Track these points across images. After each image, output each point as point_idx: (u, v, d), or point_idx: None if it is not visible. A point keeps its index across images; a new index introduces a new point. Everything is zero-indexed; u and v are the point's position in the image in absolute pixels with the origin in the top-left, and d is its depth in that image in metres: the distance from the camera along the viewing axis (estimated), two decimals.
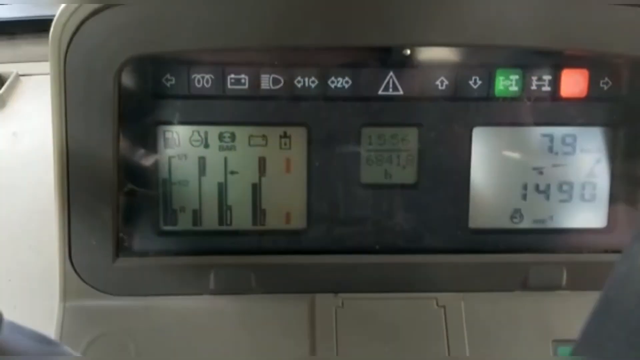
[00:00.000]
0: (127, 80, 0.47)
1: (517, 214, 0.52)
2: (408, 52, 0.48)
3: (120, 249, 0.49)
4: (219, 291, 0.50)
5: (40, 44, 0.73)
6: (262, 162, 0.50)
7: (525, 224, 0.52)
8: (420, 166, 0.50)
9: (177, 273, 0.50)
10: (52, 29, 0.44)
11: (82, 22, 0.44)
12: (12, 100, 0.67)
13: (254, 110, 0.49)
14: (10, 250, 0.55)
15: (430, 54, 0.49)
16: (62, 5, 0.44)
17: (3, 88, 0.67)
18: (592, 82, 0.50)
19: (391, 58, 0.49)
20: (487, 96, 0.49)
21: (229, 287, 0.50)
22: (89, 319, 0.49)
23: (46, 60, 0.71)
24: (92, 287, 0.49)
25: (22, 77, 0.70)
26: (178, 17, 0.44)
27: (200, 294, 0.50)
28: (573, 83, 0.50)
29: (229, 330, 0.49)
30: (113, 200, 0.47)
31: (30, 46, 0.74)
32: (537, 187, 0.51)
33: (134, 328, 0.49)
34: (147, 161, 0.49)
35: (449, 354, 0.49)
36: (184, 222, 0.50)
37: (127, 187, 0.49)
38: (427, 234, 0.51)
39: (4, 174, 0.59)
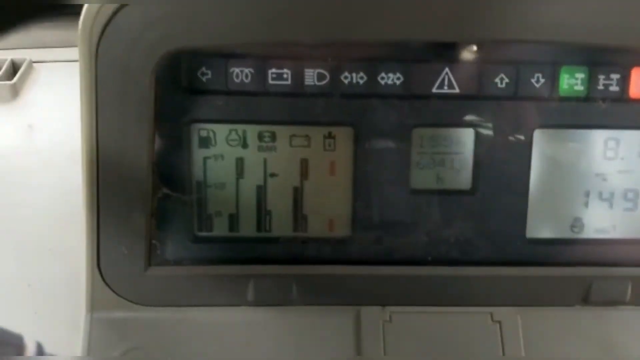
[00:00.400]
0: (160, 74, 0.45)
1: (577, 223, 0.50)
2: (475, 48, 0.46)
3: (153, 257, 0.48)
4: (258, 302, 0.48)
5: (55, 28, 0.72)
6: (304, 164, 0.48)
7: (586, 234, 0.50)
8: (475, 170, 0.49)
9: (212, 283, 0.48)
10: (81, 17, 0.42)
11: (116, 12, 0.42)
12: (26, 89, 0.66)
13: (297, 108, 0.47)
14: (28, 255, 0.54)
15: (490, 49, 0.47)
16: None
17: (16, 77, 0.65)
18: None
19: (447, 53, 0.47)
20: (551, 96, 0.48)
21: (269, 299, 0.48)
22: (119, 331, 0.47)
23: (61, 46, 0.70)
24: (122, 297, 0.48)
25: (35, 65, 0.69)
26: (220, 8, 0.42)
27: (238, 305, 0.49)
28: None
29: (267, 345, 0.48)
30: (147, 205, 0.46)
31: (43, 31, 0.72)
32: (600, 194, 0.50)
33: (167, 341, 0.48)
34: (181, 162, 0.47)
35: None
36: (220, 228, 0.49)
37: (162, 191, 0.47)
38: (482, 244, 0.50)
39: (20, 171, 0.57)
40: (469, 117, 0.48)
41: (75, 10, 0.41)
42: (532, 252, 0.50)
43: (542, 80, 0.47)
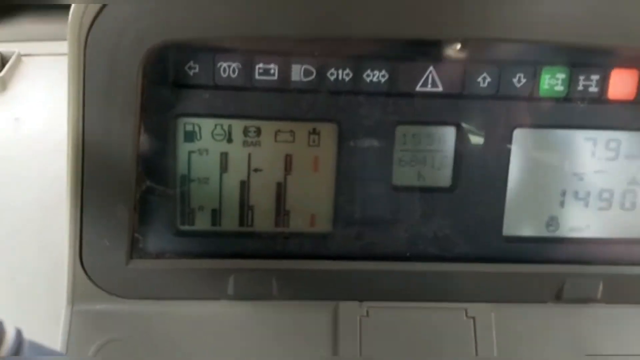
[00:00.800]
0: (147, 67, 0.41)
1: (553, 221, 0.47)
2: (459, 46, 0.42)
3: (135, 250, 0.44)
4: (238, 297, 0.45)
5: (44, 22, 0.67)
6: (288, 159, 0.45)
7: (561, 232, 0.48)
8: (455, 168, 0.46)
9: (193, 276, 0.44)
10: (72, 8, 0.38)
11: (105, 5, 0.38)
12: (14, 82, 0.61)
13: (283, 103, 0.44)
14: (12, 247, 0.49)
15: (473, 49, 0.43)
16: None
17: (4, 69, 0.61)
18: None
19: (432, 52, 0.43)
20: (531, 96, 0.44)
21: (249, 293, 0.45)
22: (99, 323, 0.44)
23: (50, 40, 0.66)
24: (103, 289, 0.44)
25: (24, 58, 0.64)
26: (207, 2, 0.38)
27: (218, 299, 0.45)
28: (622, 84, 0.45)
29: (247, 338, 0.44)
30: (130, 198, 0.42)
31: (33, 24, 0.67)
32: (576, 194, 0.47)
33: (147, 333, 0.44)
34: (165, 156, 0.44)
35: None
36: (203, 222, 0.45)
37: (146, 184, 0.43)
38: (460, 241, 0.46)
39: (5, 163, 0.53)
40: (451, 116, 0.45)
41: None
42: (508, 250, 0.47)
43: (523, 80, 0.44)
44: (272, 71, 0.43)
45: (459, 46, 0.42)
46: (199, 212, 0.45)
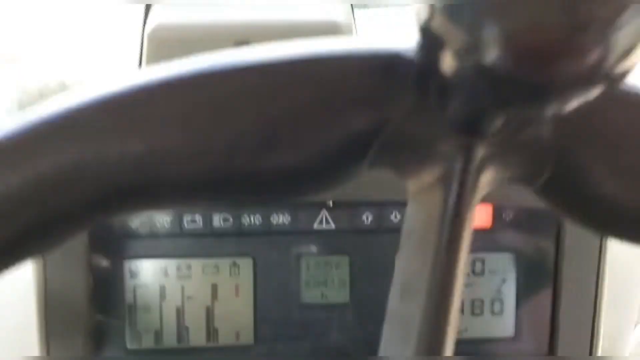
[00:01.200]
0: (94, 231, 0.50)
1: None
2: (331, 203, 0.52)
3: None
4: None
5: None
6: (214, 288, 0.53)
7: None
8: (353, 288, 0.54)
9: None
10: None
11: None
12: None
13: (208, 245, 0.53)
14: None
15: (355, 196, 0.53)
16: None
17: None
18: (496, 215, 0.54)
19: (321, 200, 0.53)
20: None
21: None
22: None
23: None
24: None
25: None
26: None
27: None
28: (479, 216, 0.54)
29: None
30: (86, 328, 0.51)
31: None
32: None
33: None
34: (115, 292, 0.52)
35: None
36: (147, 342, 0.53)
37: (98, 317, 0.52)
38: (359, 348, 0.55)
39: None
40: (344, 247, 0.54)
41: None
42: None
43: (399, 216, 0.53)
44: (197, 220, 0.52)
45: (331, 204, 0.52)
46: (144, 334, 0.53)
